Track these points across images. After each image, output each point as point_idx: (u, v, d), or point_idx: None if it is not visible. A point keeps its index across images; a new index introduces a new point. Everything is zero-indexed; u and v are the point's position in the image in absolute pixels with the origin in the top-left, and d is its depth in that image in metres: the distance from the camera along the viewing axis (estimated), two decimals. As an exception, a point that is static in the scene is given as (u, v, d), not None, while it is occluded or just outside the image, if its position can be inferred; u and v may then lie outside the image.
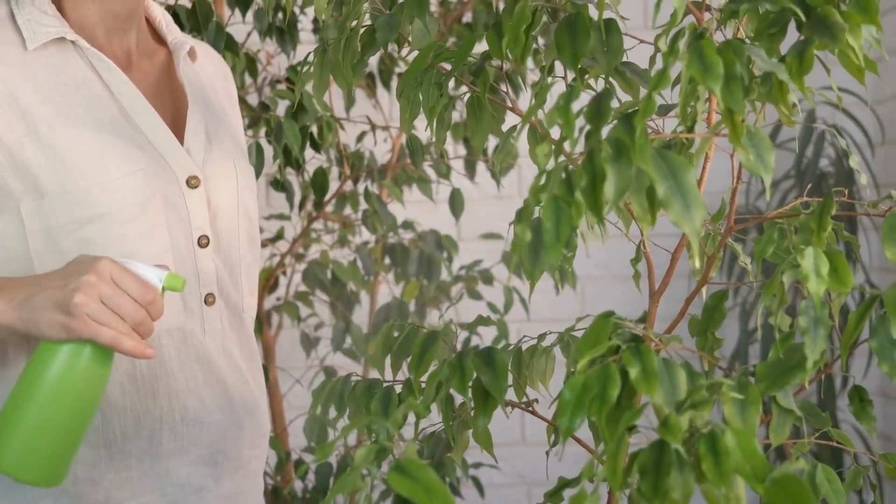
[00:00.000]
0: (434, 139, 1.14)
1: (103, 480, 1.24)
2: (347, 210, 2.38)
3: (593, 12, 1.05)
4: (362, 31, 1.17)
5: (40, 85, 1.24)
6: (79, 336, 1.10)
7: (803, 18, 0.86)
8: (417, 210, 2.67)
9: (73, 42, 1.27)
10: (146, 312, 1.12)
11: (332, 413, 1.14)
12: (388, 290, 2.60)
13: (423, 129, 2.57)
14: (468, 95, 1.15)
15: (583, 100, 2.21)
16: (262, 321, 2.22)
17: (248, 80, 2.16)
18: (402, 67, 2.39)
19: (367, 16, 1.18)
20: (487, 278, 2.46)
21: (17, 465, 1.12)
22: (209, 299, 1.31)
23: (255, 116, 2.03)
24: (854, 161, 1.03)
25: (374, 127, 2.30)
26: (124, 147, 1.24)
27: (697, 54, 0.79)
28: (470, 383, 1.00)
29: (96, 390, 1.13)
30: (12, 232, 1.22)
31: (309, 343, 2.36)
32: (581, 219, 0.79)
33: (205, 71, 1.44)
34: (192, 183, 1.28)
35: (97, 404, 1.15)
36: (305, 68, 1.25)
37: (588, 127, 0.81)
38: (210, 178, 1.31)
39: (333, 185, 2.26)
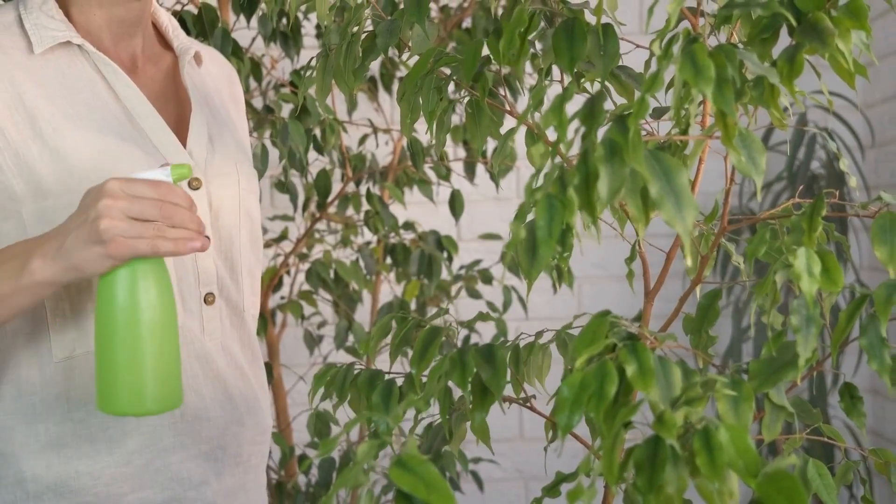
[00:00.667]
0: (434, 142, 1.15)
1: (104, 475, 1.25)
2: (350, 211, 2.40)
3: (590, 17, 1.07)
4: (363, 36, 1.19)
5: (46, 87, 1.25)
6: (121, 258, 1.10)
7: (794, 24, 0.87)
8: (418, 211, 2.69)
9: (79, 46, 1.28)
10: (171, 205, 1.11)
11: (334, 399, 1.14)
12: (389, 289, 2.62)
13: (423, 132, 2.59)
14: (467, 99, 1.16)
15: (578, 102, 2.23)
16: (266, 320, 2.23)
17: (252, 84, 2.18)
18: (402, 72, 2.41)
19: (369, 21, 1.19)
20: (487, 278, 2.48)
21: (132, 404, 1.13)
22: (209, 298, 1.32)
23: (260, 119, 2.05)
24: (844, 164, 1.04)
25: (375, 130, 2.31)
26: (127, 149, 1.25)
27: (690, 58, 0.80)
28: (470, 378, 1.01)
29: (166, 298, 1.14)
30: (14, 235, 1.23)
31: (312, 341, 2.38)
32: (574, 216, 0.79)
33: (210, 75, 1.45)
34: (194, 185, 1.29)
35: (174, 311, 1.15)
36: (308, 73, 1.26)
37: (583, 128, 0.81)
38: (212, 180, 1.32)
39: (336, 187, 2.27)
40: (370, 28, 1.19)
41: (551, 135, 1.24)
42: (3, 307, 1.16)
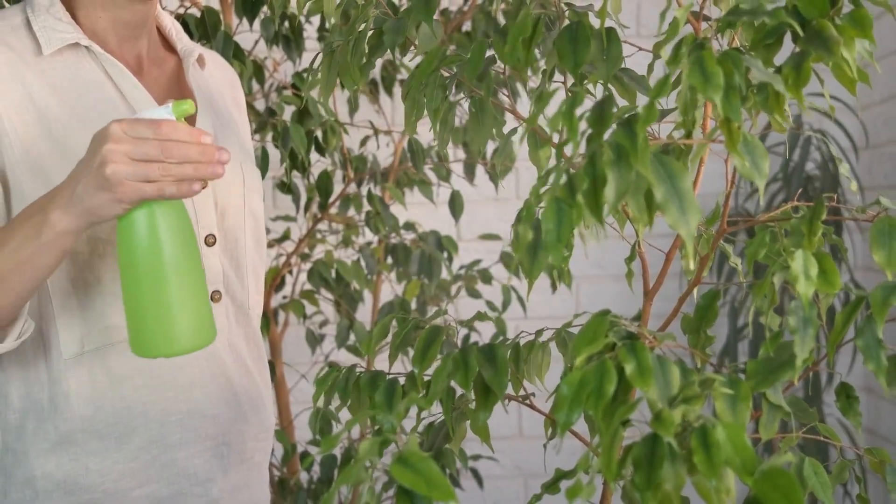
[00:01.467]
0: (437, 140, 1.16)
1: (112, 472, 1.26)
2: (351, 211, 2.41)
3: (593, 20, 1.07)
4: (370, 33, 1.19)
5: (55, 88, 1.26)
6: (131, 201, 1.09)
7: (800, 32, 0.87)
8: (418, 211, 2.70)
9: (86, 48, 1.29)
10: (174, 143, 1.08)
11: (336, 402, 1.15)
12: (390, 288, 2.63)
13: (423, 134, 2.60)
14: (470, 99, 1.17)
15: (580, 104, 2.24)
16: (269, 318, 2.24)
17: (255, 86, 2.19)
18: (403, 74, 2.42)
19: (373, 20, 1.20)
20: (486, 277, 2.49)
21: (164, 345, 1.12)
22: (215, 297, 1.33)
23: (262, 121, 2.06)
24: (844, 168, 1.04)
25: (376, 131, 2.32)
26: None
27: (698, 64, 0.80)
28: (472, 378, 1.01)
29: (186, 235, 1.13)
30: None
31: (314, 340, 2.39)
32: (581, 220, 0.80)
33: (213, 78, 1.46)
34: (201, 185, 1.31)
35: (195, 246, 1.14)
36: (312, 73, 1.27)
37: (589, 131, 0.82)
38: (218, 180, 1.33)
39: (337, 188, 2.29)
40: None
41: (553, 136, 1.25)
42: (28, 270, 1.14)
